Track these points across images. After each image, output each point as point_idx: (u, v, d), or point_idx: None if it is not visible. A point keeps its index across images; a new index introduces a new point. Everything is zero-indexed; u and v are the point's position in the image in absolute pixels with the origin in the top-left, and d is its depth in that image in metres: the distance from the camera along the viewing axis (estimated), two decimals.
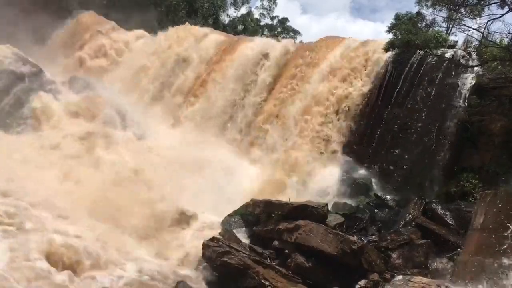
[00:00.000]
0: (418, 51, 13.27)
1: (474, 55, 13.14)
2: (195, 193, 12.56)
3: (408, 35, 13.23)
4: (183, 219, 11.46)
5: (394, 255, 8.95)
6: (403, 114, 12.79)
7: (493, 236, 6.53)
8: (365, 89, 14.36)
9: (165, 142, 15.81)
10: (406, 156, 12.27)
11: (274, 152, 15.04)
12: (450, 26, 14.29)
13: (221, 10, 31.41)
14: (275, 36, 29.73)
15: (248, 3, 33.19)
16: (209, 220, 11.42)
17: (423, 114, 12.52)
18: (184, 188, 12.65)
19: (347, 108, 14.39)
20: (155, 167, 13.74)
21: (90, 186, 11.88)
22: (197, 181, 13.32)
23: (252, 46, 18.68)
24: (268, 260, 8.91)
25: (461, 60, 13.00)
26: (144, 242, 10.33)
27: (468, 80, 12.42)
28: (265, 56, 17.94)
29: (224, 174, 14.15)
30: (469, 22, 12.37)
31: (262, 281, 8.16)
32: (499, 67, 12.15)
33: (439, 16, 13.07)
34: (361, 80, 14.57)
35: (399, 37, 14.07)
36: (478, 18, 12.15)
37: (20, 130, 14.60)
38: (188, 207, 11.68)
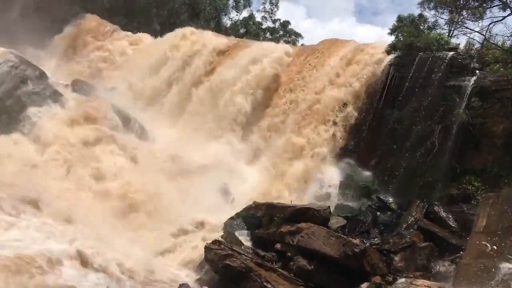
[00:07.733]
0: (420, 53, 13.27)
1: (476, 58, 13.11)
2: (197, 196, 12.59)
3: (410, 37, 13.25)
4: (185, 222, 11.47)
5: (396, 258, 8.94)
6: (405, 117, 12.76)
7: (496, 238, 6.52)
8: (367, 91, 14.33)
9: (167, 143, 15.83)
10: (409, 159, 12.23)
11: (275, 153, 15.03)
12: (452, 28, 14.28)
13: (223, 13, 31.50)
14: (276, 39, 29.83)
15: (249, 6, 33.20)
16: (212, 223, 11.43)
17: (425, 116, 12.49)
18: (186, 191, 12.68)
19: (349, 111, 14.38)
20: (155, 170, 13.77)
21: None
22: (199, 184, 13.34)
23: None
24: (270, 263, 8.92)
25: (463, 63, 12.98)
26: (146, 244, 10.36)
27: (470, 82, 12.39)
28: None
29: (227, 176, 14.17)
30: (471, 24, 12.39)
31: (264, 283, 8.17)
32: (501, 69, 12.13)
33: (441, 18, 13.10)
34: (363, 82, 14.54)
35: (401, 39, 14.12)
36: (480, 21, 12.17)
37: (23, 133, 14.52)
38: (191, 210, 11.70)
